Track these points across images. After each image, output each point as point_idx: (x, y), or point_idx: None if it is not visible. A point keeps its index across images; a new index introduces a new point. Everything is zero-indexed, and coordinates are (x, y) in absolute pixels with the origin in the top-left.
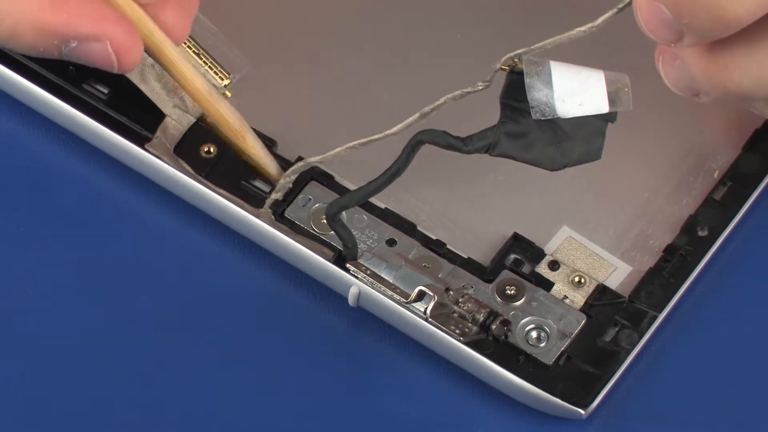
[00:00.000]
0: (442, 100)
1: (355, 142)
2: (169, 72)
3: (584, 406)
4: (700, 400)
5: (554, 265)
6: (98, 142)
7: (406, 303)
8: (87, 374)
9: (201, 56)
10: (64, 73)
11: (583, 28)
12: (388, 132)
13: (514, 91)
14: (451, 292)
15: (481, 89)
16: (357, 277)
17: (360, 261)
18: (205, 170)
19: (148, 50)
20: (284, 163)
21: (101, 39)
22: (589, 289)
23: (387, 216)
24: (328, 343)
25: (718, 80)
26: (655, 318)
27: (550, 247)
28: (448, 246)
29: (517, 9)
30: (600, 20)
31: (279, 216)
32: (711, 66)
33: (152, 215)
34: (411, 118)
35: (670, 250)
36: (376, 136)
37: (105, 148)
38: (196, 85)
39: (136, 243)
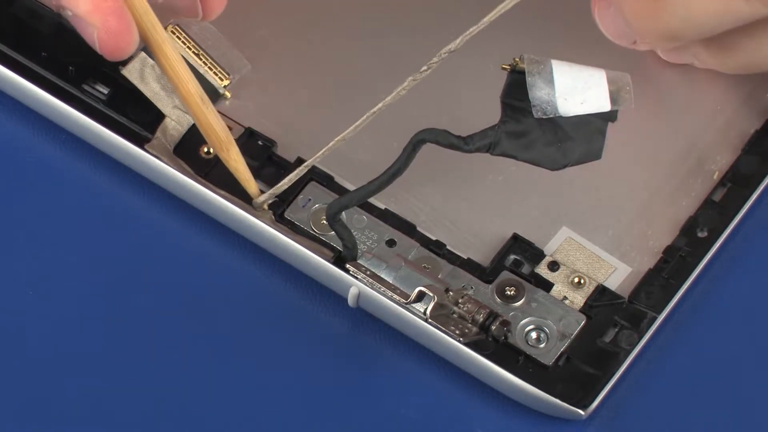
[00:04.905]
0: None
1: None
2: (164, 71)
3: (584, 407)
4: (699, 401)
5: (554, 266)
6: (98, 142)
7: (406, 303)
8: (87, 374)
9: (201, 57)
10: (64, 74)
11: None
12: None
13: (515, 91)
14: (451, 293)
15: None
16: (357, 278)
17: (360, 261)
18: (204, 170)
19: (149, 45)
20: (283, 163)
21: (91, 24)
22: (588, 289)
23: (387, 216)
24: (328, 344)
25: (648, 22)
26: (654, 319)
27: (550, 248)
28: (447, 246)
29: (517, 9)
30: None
31: (279, 216)
32: (641, 7)
33: (152, 215)
34: (362, 118)
35: (669, 251)
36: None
37: (105, 148)
38: (189, 88)
39: (136, 243)
